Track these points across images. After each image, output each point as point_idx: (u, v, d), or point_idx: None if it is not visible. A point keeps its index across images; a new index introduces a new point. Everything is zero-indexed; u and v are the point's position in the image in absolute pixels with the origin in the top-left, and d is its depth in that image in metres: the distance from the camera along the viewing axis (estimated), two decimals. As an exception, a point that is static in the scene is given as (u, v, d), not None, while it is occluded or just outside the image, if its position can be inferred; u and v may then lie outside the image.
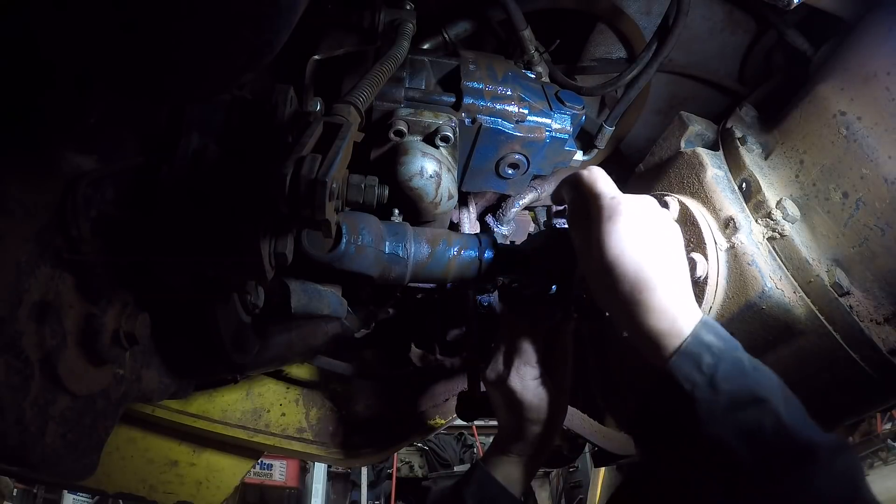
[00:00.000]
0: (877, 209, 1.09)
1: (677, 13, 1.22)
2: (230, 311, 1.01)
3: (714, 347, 0.76)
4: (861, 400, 1.22)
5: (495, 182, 1.27)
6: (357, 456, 1.78)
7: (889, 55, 1.10)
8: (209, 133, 0.87)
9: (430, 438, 6.91)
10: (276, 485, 6.21)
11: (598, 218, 0.82)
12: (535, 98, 1.21)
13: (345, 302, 1.18)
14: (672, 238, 0.85)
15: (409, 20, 1.13)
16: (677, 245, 0.85)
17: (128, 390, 0.93)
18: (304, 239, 0.94)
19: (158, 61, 0.60)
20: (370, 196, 0.87)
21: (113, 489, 1.89)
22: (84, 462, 0.84)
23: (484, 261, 1.08)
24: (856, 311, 1.11)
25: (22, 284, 0.71)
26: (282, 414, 1.73)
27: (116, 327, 0.84)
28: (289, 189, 0.65)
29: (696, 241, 1.17)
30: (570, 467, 6.69)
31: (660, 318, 0.77)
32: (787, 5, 1.12)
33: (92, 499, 5.45)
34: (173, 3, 0.54)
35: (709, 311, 1.15)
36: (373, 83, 0.90)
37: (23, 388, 0.71)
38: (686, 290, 0.82)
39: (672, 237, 0.85)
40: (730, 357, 0.76)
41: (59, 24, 0.57)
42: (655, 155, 1.44)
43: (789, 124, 1.25)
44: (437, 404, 1.68)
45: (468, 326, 1.34)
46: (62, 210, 0.76)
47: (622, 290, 0.79)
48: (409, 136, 1.10)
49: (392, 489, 6.96)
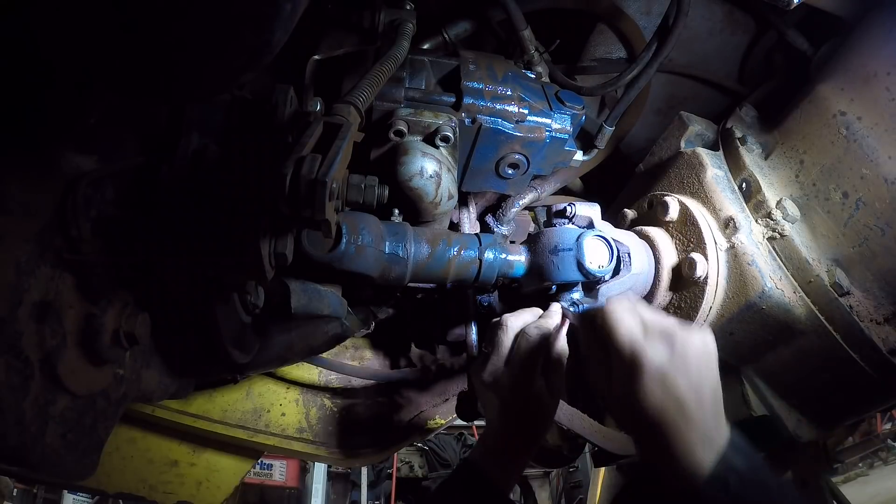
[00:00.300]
0: (877, 209, 1.09)
1: (677, 13, 1.22)
2: (230, 311, 1.01)
3: (740, 470, 0.79)
4: (861, 400, 1.22)
5: (495, 182, 1.27)
6: (357, 456, 1.77)
7: (889, 55, 1.10)
8: (209, 133, 0.87)
9: (430, 438, 6.91)
10: (276, 485, 6.20)
11: (619, 375, 0.84)
12: (535, 98, 1.20)
13: (345, 302, 1.18)
14: (696, 371, 0.83)
15: (409, 20, 1.13)
16: (703, 376, 0.83)
17: (128, 390, 0.93)
18: (304, 239, 0.94)
19: (158, 61, 0.60)
20: (370, 196, 0.87)
21: (113, 489, 1.89)
22: (84, 462, 0.83)
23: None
24: (856, 311, 1.11)
25: (22, 284, 0.71)
26: (282, 414, 1.73)
27: (116, 327, 0.84)
28: (289, 189, 0.65)
29: (696, 241, 1.17)
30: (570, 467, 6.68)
31: (683, 452, 0.80)
32: (787, 5, 1.12)
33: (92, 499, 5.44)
34: (173, 4, 0.54)
35: (709, 311, 1.15)
36: (373, 83, 0.90)
37: (23, 388, 0.71)
38: (713, 417, 0.82)
39: (695, 370, 0.83)
40: (755, 481, 0.80)
41: (59, 24, 0.57)
42: (655, 155, 1.44)
43: (789, 124, 1.25)
44: (437, 404, 1.68)
45: (468, 326, 1.34)
46: (62, 210, 0.76)
47: (644, 434, 0.83)
48: (409, 136, 1.10)
49: (392, 489, 6.95)
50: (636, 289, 1.19)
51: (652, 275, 1.20)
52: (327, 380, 1.71)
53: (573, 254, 1.08)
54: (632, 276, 1.14)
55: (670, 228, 1.23)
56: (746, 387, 1.24)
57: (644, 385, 0.80)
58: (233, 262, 0.80)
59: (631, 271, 1.14)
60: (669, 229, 1.23)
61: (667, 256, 1.19)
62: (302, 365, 1.68)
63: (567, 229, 1.13)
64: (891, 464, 5.98)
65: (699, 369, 0.82)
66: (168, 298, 0.92)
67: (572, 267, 1.08)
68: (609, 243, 1.11)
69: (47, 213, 0.75)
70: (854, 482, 5.77)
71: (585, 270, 1.07)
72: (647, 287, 1.20)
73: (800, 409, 1.23)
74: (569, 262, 1.08)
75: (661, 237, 1.22)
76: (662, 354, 0.81)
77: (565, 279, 1.10)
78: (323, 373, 1.70)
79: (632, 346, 0.82)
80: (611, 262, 1.10)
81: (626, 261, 1.14)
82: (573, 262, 1.08)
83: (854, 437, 5.05)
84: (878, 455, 6.00)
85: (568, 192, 1.68)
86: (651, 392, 0.80)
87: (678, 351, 0.82)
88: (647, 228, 1.25)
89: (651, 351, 0.81)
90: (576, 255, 1.08)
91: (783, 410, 1.23)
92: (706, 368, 0.84)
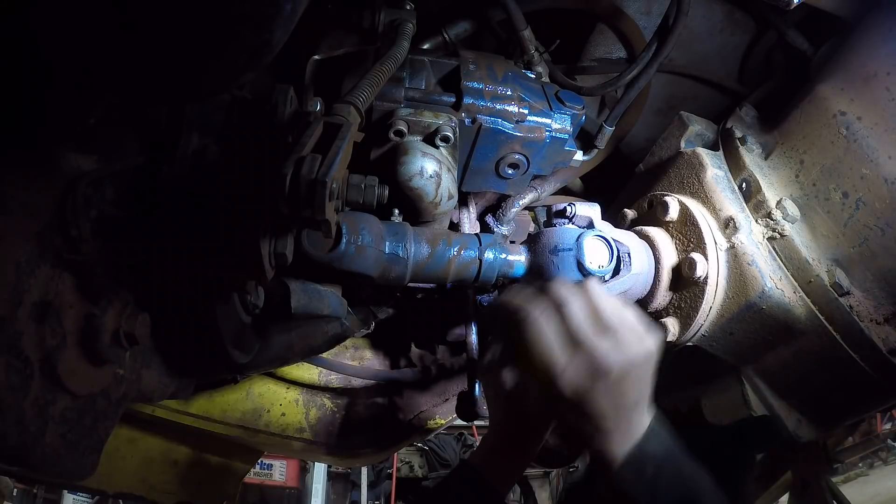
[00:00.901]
0: (877, 209, 1.09)
1: (677, 13, 1.22)
2: (230, 311, 1.01)
3: (657, 457, 0.86)
4: (861, 400, 1.22)
5: (495, 182, 1.27)
6: (357, 456, 1.77)
7: (889, 55, 1.10)
8: (209, 133, 0.87)
9: (430, 438, 6.90)
10: (276, 485, 6.20)
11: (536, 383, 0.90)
12: (535, 98, 1.20)
13: (345, 302, 1.18)
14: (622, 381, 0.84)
15: (409, 20, 1.13)
16: (630, 385, 0.86)
17: (128, 390, 0.93)
18: (304, 239, 0.94)
19: (158, 61, 0.60)
20: (370, 196, 0.87)
21: (113, 489, 1.89)
22: (84, 462, 0.83)
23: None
24: (856, 311, 1.11)
25: (22, 284, 0.71)
26: (282, 414, 1.73)
27: (116, 327, 0.84)
28: (289, 189, 0.65)
29: (696, 241, 1.17)
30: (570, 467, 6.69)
31: (601, 446, 0.87)
32: (787, 5, 1.12)
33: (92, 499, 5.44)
34: (173, 4, 0.54)
35: (709, 311, 1.15)
36: (373, 83, 0.90)
37: (23, 388, 0.71)
38: (631, 415, 0.86)
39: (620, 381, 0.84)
40: (670, 466, 0.87)
41: (59, 24, 0.57)
42: (655, 155, 1.44)
43: (789, 124, 1.25)
44: (437, 404, 1.68)
45: (468, 326, 1.34)
46: (62, 210, 0.76)
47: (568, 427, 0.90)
48: (409, 136, 1.10)
49: (392, 489, 6.95)
50: (636, 289, 1.19)
51: (652, 275, 1.20)
52: (327, 380, 1.71)
53: (573, 254, 1.08)
54: (632, 275, 1.14)
55: (670, 228, 1.23)
56: (746, 387, 1.24)
57: (562, 400, 0.84)
58: (233, 262, 0.80)
59: (631, 271, 1.14)
60: (669, 229, 1.23)
61: (667, 256, 1.19)
62: (302, 365, 1.69)
63: (567, 229, 1.13)
64: (891, 464, 5.98)
65: (625, 379, 0.84)
66: (168, 298, 0.92)
67: (572, 267, 1.08)
68: (609, 243, 1.11)
69: (47, 213, 0.75)
70: (854, 482, 5.78)
71: (585, 270, 1.07)
72: (647, 287, 1.20)
73: (800, 409, 1.23)
74: (569, 262, 1.08)
75: (661, 237, 1.22)
76: (580, 375, 0.83)
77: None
78: (323, 373, 1.70)
79: (546, 369, 0.84)
80: (611, 261, 1.10)
81: (626, 261, 1.14)
82: (573, 262, 1.08)
83: (854, 437, 5.05)
84: (878, 455, 6.00)
85: (568, 192, 1.68)
86: (568, 410, 0.85)
87: (602, 369, 0.82)
88: (647, 228, 1.25)
89: (569, 374, 0.82)
90: (576, 255, 1.08)
91: (783, 410, 1.23)
92: (635, 378, 0.85)
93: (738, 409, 1.25)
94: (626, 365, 0.83)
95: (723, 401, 1.28)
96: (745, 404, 1.24)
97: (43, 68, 0.70)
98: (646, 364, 0.86)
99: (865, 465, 6.02)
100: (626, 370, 0.83)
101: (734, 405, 1.25)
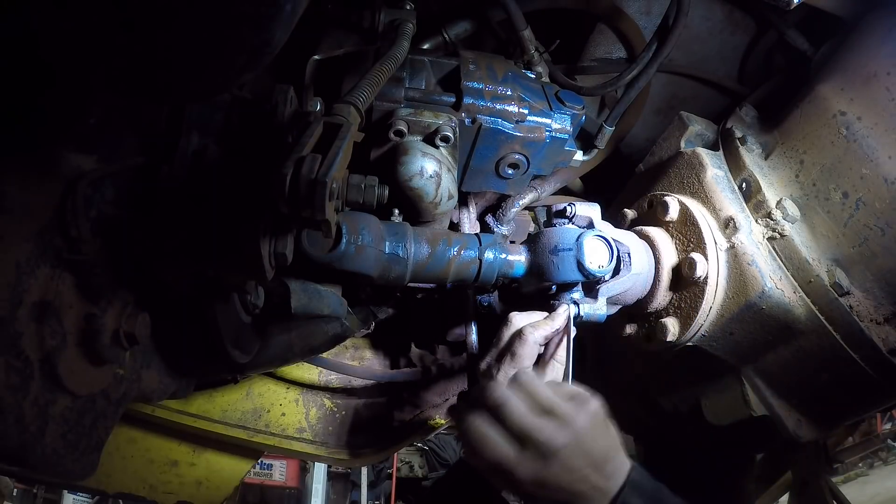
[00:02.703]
0: (877, 209, 1.09)
1: (677, 13, 1.22)
2: (230, 311, 1.01)
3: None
4: (861, 400, 1.22)
5: (495, 182, 1.27)
6: (357, 456, 1.77)
7: (889, 55, 1.10)
8: (209, 133, 0.87)
9: (430, 438, 6.90)
10: (276, 485, 6.20)
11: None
12: (535, 98, 1.20)
13: (345, 302, 1.18)
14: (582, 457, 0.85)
15: (409, 20, 1.13)
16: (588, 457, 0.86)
17: (128, 390, 0.93)
18: (304, 239, 0.94)
19: (158, 61, 0.60)
20: (370, 196, 0.87)
21: (113, 489, 1.89)
22: (84, 462, 0.83)
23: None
24: (856, 311, 1.11)
25: (22, 284, 0.71)
26: (282, 414, 1.73)
27: (116, 327, 0.84)
28: (289, 189, 0.65)
29: (696, 241, 1.17)
30: None
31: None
32: (787, 5, 1.12)
33: (92, 499, 5.44)
34: (173, 3, 0.54)
35: (709, 311, 1.15)
36: (373, 83, 0.90)
37: (23, 388, 0.71)
38: (600, 478, 0.86)
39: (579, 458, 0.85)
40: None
41: (59, 24, 0.57)
42: (655, 155, 1.44)
43: (789, 124, 1.25)
44: (437, 404, 1.68)
45: (468, 326, 1.34)
46: (62, 210, 0.76)
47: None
48: (409, 136, 1.10)
49: (392, 489, 6.95)
50: (636, 289, 1.19)
51: (652, 275, 1.20)
52: (327, 380, 1.71)
53: (573, 254, 1.08)
54: (632, 275, 1.14)
55: (670, 228, 1.23)
56: (746, 387, 1.24)
57: (525, 489, 0.85)
58: (233, 261, 0.80)
59: (631, 271, 1.14)
60: (669, 229, 1.23)
61: (667, 256, 1.19)
62: (302, 365, 1.69)
63: (567, 229, 1.13)
64: (891, 464, 5.98)
65: (581, 445, 0.85)
66: (168, 298, 0.92)
67: (572, 267, 1.08)
68: (609, 243, 1.11)
69: (47, 213, 0.75)
70: (854, 482, 5.77)
71: (585, 270, 1.07)
72: (648, 287, 1.20)
73: (800, 409, 1.23)
74: (569, 262, 1.08)
75: (661, 237, 1.22)
76: (534, 464, 0.84)
77: (565, 279, 1.10)
78: (323, 373, 1.70)
79: (501, 469, 0.85)
80: (611, 262, 1.10)
81: (626, 261, 1.14)
82: (573, 262, 1.08)
83: (854, 437, 5.05)
84: (878, 455, 6.00)
85: (568, 192, 1.68)
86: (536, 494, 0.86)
87: (552, 450, 0.83)
88: (647, 228, 1.25)
89: (524, 466, 0.84)
90: (576, 255, 1.08)
91: (783, 410, 1.23)
92: (590, 439, 0.86)
93: (738, 409, 1.25)
94: (575, 435, 0.85)
95: (723, 401, 1.28)
96: (745, 404, 1.24)
97: (43, 68, 0.70)
98: (595, 423, 0.88)
99: (865, 465, 6.01)
100: (579, 438, 0.85)
101: (734, 405, 1.25)
